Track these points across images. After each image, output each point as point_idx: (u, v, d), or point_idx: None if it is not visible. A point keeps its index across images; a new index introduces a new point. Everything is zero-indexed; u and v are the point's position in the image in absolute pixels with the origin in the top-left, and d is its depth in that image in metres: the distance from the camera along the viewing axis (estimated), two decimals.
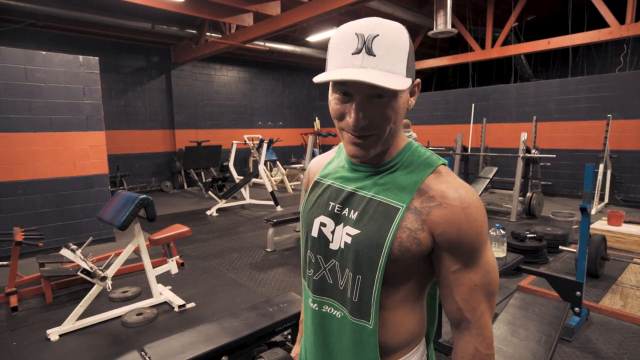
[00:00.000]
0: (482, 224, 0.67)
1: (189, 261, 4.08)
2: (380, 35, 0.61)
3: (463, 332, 0.71)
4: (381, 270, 0.68)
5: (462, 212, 0.66)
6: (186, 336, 1.86)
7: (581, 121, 7.06)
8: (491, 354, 0.71)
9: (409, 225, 0.67)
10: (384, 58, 0.61)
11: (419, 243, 0.67)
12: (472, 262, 0.68)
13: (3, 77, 3.96)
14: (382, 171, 0.73)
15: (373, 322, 0.70)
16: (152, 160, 8.92)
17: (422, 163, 0.72)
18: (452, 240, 0.67)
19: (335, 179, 0.80)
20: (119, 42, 8.19)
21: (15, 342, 2.56)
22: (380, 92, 0.63)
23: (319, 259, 0.77)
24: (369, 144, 0.68)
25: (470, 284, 0.68)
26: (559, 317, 1.87)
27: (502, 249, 2.85)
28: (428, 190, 0.69)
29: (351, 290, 0.72)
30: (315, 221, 0.78)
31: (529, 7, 8.85)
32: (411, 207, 0.68)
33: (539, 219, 5.68)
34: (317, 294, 0.78)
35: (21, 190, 4.14)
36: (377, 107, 0.65)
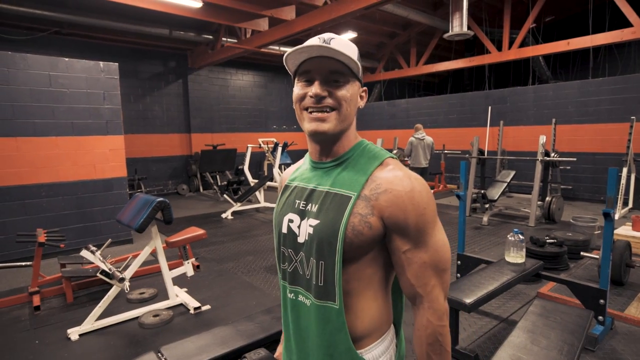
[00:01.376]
0: (426, 206, 0.75)
1: (205, 264, 4.12)
2: (335, 38, 0.79)
3: (418, 307, 0.79)
4: (339, 253, 0.75)
5: (406, 196, 0.74)
6: (202, 338, 1.88)
7: (603, 123, 6.87)
8: (442, 324, 0.77)
9: (359, 211, 0.75)
10: (340, 48, 0.75)
11: (370, 226, 0.75)
12: (421, 242, 0.75)
13: (28, 83, 4.10)
14: (337, 165, 0.83)
15: (339, 302, 0.77)
16: (169, 163, 9.07)
17: (371, 157, 0.82)
18: (399, 222, 0.74)
19: (300, 180, 0.90)
20: (137, 48, 8.38)
21: (38, 340, 2.62)
22: (336, 75, 0.77)
23: (290, 252, 0.86)
24: (327, 117, 0.78)
25: (420, 261, 0.76)
26: (582, 326, 1.81)
27: (521, 254, 2.78)
28: (376, 179, 0.78)
29: (316, 275, 0.79)
30: (284, 219, 0.87)
31: (547, 8, 8.68)
32: (362, 195, 0.77)
33: (558, 224, 5.54)
34: (292, 285, 0.86)
35: (44, 192, 4.26)
36: (335, 87, 0.78)
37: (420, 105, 10.03)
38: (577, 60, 9.97)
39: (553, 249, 3.66)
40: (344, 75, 0.78)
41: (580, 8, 9.37)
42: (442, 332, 0.77)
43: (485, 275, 2.48)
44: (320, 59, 0.77)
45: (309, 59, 0.78)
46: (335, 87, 0.78)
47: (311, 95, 0.78)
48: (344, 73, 0.78)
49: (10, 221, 4.08)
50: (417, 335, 0.79)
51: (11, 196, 4.07)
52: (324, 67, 0.77)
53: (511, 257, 2.77)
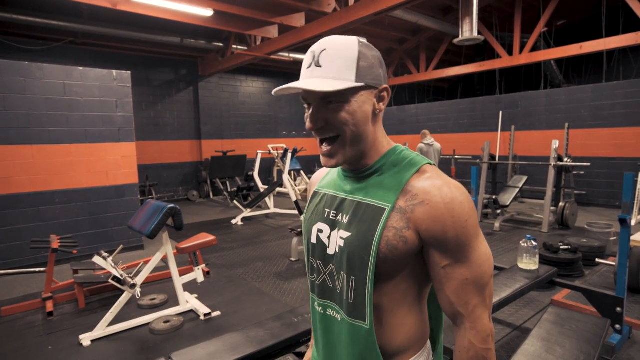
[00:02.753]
0: (467, 218, 0.68)
1: (215, 270, 4.13)
2: (327, 49, 0.71)
3: (459, 327, 0.73)
4: (372, 270, 0.70)
5: (445, 208, 0.68)
6: (212, 345, 1.88)
7: (618, 128, 6.75)
8: (487, 348, 0.71)
9: (394, 225, 0.70)
10: (329, 67, 0.70)
11: (405, 241, 0.69)
12: (462, 257, 0.69)
13: (44, 92, 4.20)
14: (369, 175, 0.77)
15: (369, 322, 0.72)
16: (180, 170, 9.16)
17: (407, 164, 0.75)
18: (437, 236, 0.68)
19: (330, 187, 0.85)
20: (149, 56, 8.53)
21: (51, 346, 2.65)
22: (329, 98, 0.70)
23: (319, 264, 0.81)
24: (334, 151, 0.73)
25: (461, 278, 0.69)
26: (599, 335, 1.77)
27: (534, 260, 2.73)
28: (412, 189, 0.71)
29: (347, 291, 0.75)
30: (313, 228, 0.83)
31: (559, 11, 8.60)
32: (397, 206, 0.71)
33: (572, 230, 5.43)
34: (321, 298, 0.82)
35: (58, 199, 4.33)
36: (331, 112, 0.71)
37: (430, 111, 9.98)
38: (590, 64, 9.84)
39: (567, 255, 3.59)
40: (339, 95, 0.70)
41: (593, 11, 9.26)
42: (486, 355, 0.70)
43: (497, 282, 2.44)
44: None
45: None
46: (332, 111, 0.71)
47: (308, 129, 0.74)
48: (339, 93, 0.70)
49: (24, 227, 4.16)
50: (458, 358, 0.73)
51: (26, 203, 4.15)
52: (315, 94, 0.71)
53: (524, 263, 2.72)
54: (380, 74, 0.74)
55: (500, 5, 8.67)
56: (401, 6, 5.15)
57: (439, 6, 8.45)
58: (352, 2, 5.63)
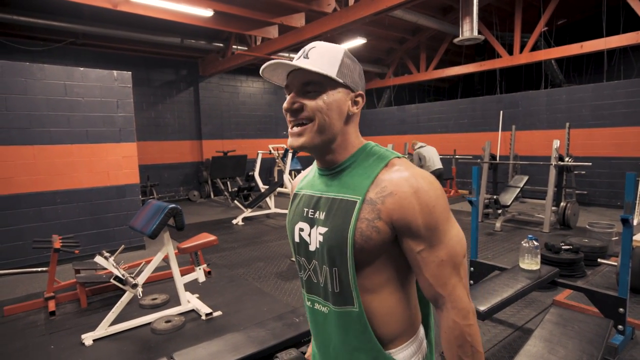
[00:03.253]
0: (435, 204, 0.72)
1: (216, 270, 4.13)
2: (316, 47, 0.78)
3: (441, 308, 0.76)
4: (351, 259, 0.74)
5: (413, 196, 0.72)
6: (213, 345, 1.88)
7: (619, 127, 6.74)
8: (470, 324, 0.74)
9: (366, 216, 0.74)
10: (316, 60, 0.76)
11: (378, 231, 0.73)
12: (434, 240, 0.72)
13: (45, 92, 4.20)
14: (340, 171, 0.82)
15: (358, 305, 0.76)
16: (180, 170, 9.17)
17: (377, 159, 0.79)
18: (407, 224, 0.72)
19: (308, 188, 0.89)
20: (150, 57, 8.53)
21: (53, 345, 2.66)
22: (309, 86, 0.76)
23: (304, 261, 0.86)
24: (302, 131, 0.77)
25: (437, 260, 0.73)
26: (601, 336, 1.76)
27: (536, 261, 2.73)
28: (381, 182, 0.75)
29: (331, 283, 0.79)
30: (295, 228, 0.87)
31: (559, 10, 8.59)
32: (367, 198, 0.75)
33: (574, 230, 5.43)
34: (308, 293, 0.87)
35: (59, 199, 4.34)
36: (309, 97, 0.76)
37: (431, 110, 9.98)
38: (591, 64, 9.82)
39: (569, 255, 3.58)
40: (319, 84, 0.76)
41: (594, 10, 9.25)
42: (470, 332, 0.73)
43: (499, 282, 2.43)
44: (295, 72, 0.78)
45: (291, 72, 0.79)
46: (308, 98, 0.77)
47: (284, 109, 0.78)
48: (320, 82, 0.76)
49: (26, 227, 4.16)
50: (444, 339, 0.76)
51: (28, 203, 4.16)
52: (297, 80, 0.77)
53: (526, 263, 2.71)
54: (358, 82, 0.81)
55: (500, 5, 8.66)
56: (401, 6, 5.15)
57: (439, 6, 8.45)
58: (352, 2, 5.63)
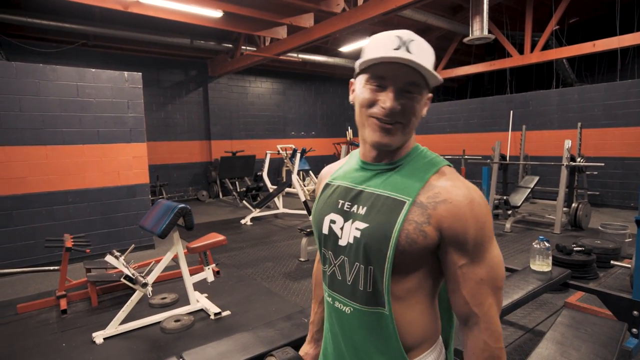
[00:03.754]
0: (486, 219, 0.72)
1: (224, 269, 4.15)
2: (415, 40, 0.72)
3: (472, 328, 0.74)
4: (390, 261, 0.71)
5: (467, 207, 0.70)
6: (223, 344, 1.88)
7: (633, 127, 6.62)
8: (500, 347, 0.73)
9: (415, 219, 0.71)
10: (421, 57, 0.70)
11: (425, 236, 0.70)
12: (478, 257, 0.71)
13: (57, 93, 4.26)
14: (390, 169, 0.79)
15: (388, 308, 0.74)
16: (190, 170, 9.23)
17: (427, 163, 0.78)
18: (457, 234, 0.70)
19: (345, 179, 0.85)
20: (160, 57, 8.61)
21: (65, 343, 2.69)
22: (412, 87, 0.72)
23: (330, 255, 0.82)
24: (394, 131, 0.74)
25: (476, 278, 0.71)
26: (615, 339, 1.73)
27: (547, 262, 2.69)
28: (433, 187, 0.73)
29: (364, 282, 0.75)
30: (325, 219, 0.83)
31: (571, 9, 8.47)
32: (417, 201, 0.72)
33: (586, 231, 5.35)
34: (330, 289, 0.84)
35: (71, 199, 4.40)
36: (407, 99, 0.72)
37: (440, 110, 9.91)
38: (604, 63, 9.67)
39: (581, 257, 3.53)
40: (419, 87, 0.73)
41: (607, 8, 9.10)
42: (500, 355, 0.72)
43: (509, 283, 2.41)
44: (398, 65, 0.71)
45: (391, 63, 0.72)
46: (408, 100, 0.73)
47: (383, 107, 0.72)
48: (420, 85, 0.72)
49: (39, 226, 4.23)
50: (472, 359, 0.74)
51: (40, 202, 4.22)
52: (402, 77, 0.71)
53: (537, 265, 2.68)
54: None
55: (510, 4, 8.56)
56: (410, 5, 5.11)
57: (449, 5, 8.38)
58: (361, 2, 5.62)
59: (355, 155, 0.88)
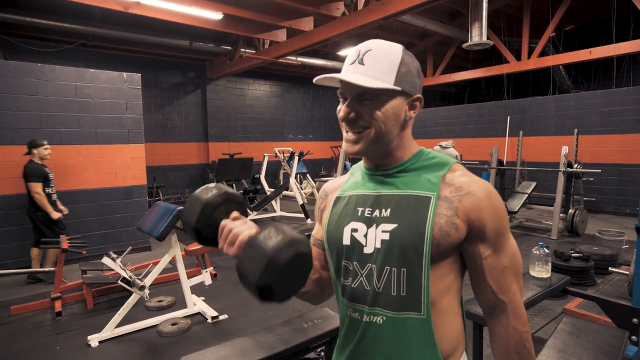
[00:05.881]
0: (502, 210, 0.75)
1: (221, 272, 4.13)
2: (372, 49, 0.74)
3: (499, 316, 0.76)
4: (427, 257, 0.71)
5: (487, 199, 0.73)
6: (221, 349, 1.86)
7: (629, 134, 6.67)
8: (527, 331, 0.76)
9: (444, 212, 0.72)
10: (372, 66, 0.73)
11: (456, 228, 0.72)
12: (501, 246, 0.75)
13: (56, 93, 4.23)
14: (400, 171, 0.79)
15: (426, 311, 0.72)
16: (187, 171, 9.20)
17: (437, 162, 0.79)
18: (483, 226, 0.72)
19: (357, 189, 0.83)
20: (158, 59, 8.59)
21: (59, 346, 2.66)
22: (365, 96, 0.73)
23: (355, 265, 0.78)
24: (359, 138, 0.75)
25: (500, 267, 0.75)
26: (617, 347, 1.73)
27: (547, 268, 2.68)
28: (452, 182, 0.75)
29: (397, 286, 0.73)
30: (345, 230, 0.80)
31: (568, 16, 8.56)
32: (441, 195, 0.74)
33: (582, 237, 5.37)
34: (354, 302, 0.78)
35: (67, 199, 4.35)
36: (365, 107, 0.74)
37: (438, 115, 9.95)
38: (600, 70, 9.76)
39: (579, 263, 3.54)
40: (374, 94, 0.73)
41: (603, 16, 9.20)
42: (528, 338, 0.76)
43: None
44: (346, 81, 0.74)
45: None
46: (366, 106, 0.74)
47: (340, 119, 0.77)
48: (376, 93, 0.73)
49: None
50: (502, 346, 0.76)
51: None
52: (351, 90, 0.74)
53: (536, 271, 2.67)
54: (417, 83, 0.78)
55: (508, 10, 8.64)
56: (409, 11, 5.14)
57: (447, 11, 8.44)
58: (361, 7, 5.64)
59: (357, 169, 0.88)
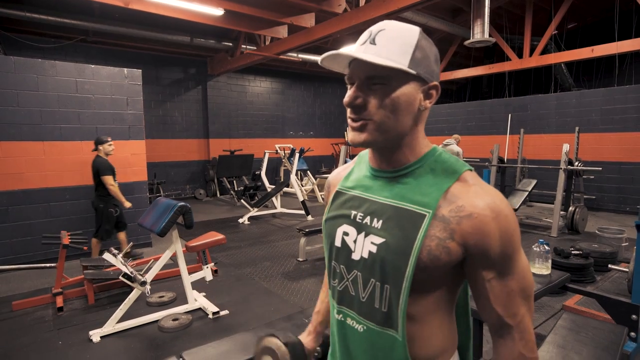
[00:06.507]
0: (513, 232, 0.66)
1: (222, 268, 4.14)
2: (386, 29, 0.67)
3: (505, 338, 0.69)
4: (408, 280, 0.66)
5: (494, 222, 0.64)
6: (223, 344, 1.87)
7: (630, 132, 6.66)
8: (535, 357, 0.69)
9: (437, 234, 0.66)
10: (384, 47, 0.66)
11: (448, 252, 0.65)
12: (507, 269, 0.67)
13: (56, 89, 4.23)
14: (403, 176, 0.72)
15: (401, 334, 0.69)
16: (187, 168, 9.20)
17: (447, 169, 0.70)
18: (486, 251, 0.65)
19: (357, 188, 0.79)
20: (159, 55, 8.57)
21: (61, 341, 2.67)
22: (375, 79, 0.66)
23: (342, 269, 0.76)
24: (364, 128, 0.68)
25: (507, 290, 0.67)
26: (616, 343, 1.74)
27: (547, 265, 2.69)
28: (455, 199, 0.67)
29: (380, 300, 0.70)
30: (338, 230, 0.78)
31: (570, 14, 8.52)
32: (438, 214, 0.66)
33: (582, 234, 5.37)
34: (341, 305, 0.78)
35: (68, 195, 4.36)
36: (373, 92, 0.67)
37: (438, 113, 9.94)
38: (602, 68, 9.73)
39: (579, 260, 3.55)
40: (386, 78, 0.66)
41: (605, 14, 9.17)
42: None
43: None
44: (357, 61, 0.67)
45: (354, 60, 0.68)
46: (375, 92, 0.67)
47: (344, 104, 0.69)
48: (387, 76, 0.65)
49: (35, 223, 4.19)
50: None
51: (37, 198, 4.19)
52: (360, 72, 0.67)
53: (536, 268, 2.68)
54: (434, 71, 0.70)
55: (510, 8, 8.61)
56: (411, 7, 5.13)
57: (449, 8, 8.41)
58: (363, 3, 5.62)
59: (364, 159, 0.83)
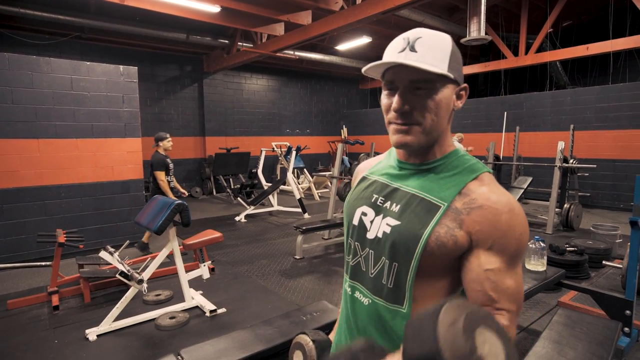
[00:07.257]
0: (523, 231, 0.69)
1: (219, 266, 4.13)
2: (423, 37, 0.72)
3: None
4: (416, 260, 0.71)
5: (505, 215, 0.68)
6: (221, 342, 1.88)
7: (624, 130, 6.72)
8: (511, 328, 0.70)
9: (447, 223, 0.71)
10: (425, 54, 0.70)
11: (455, 240, 0.69)
12: (508, 266, 0.69)
13: (51, 86, 4.19)
14: (428, 170, 0.78)
15: (407, 307, 0.74)
16: (183, 166, 9.16)
17: (467, 168, 0.76)
18: (488, 239, 0.68)
19: (382, 175, 0.85)
20: (155, 52, 8.52)
21: (57, 340, 2.66)
22: (419, 83, 0.71)
23: (357, 246, 0.84)
24: (411, 131, 0.73)
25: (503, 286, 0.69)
26: (610, 338, 1.76)
27: (542, 262, 2.72)
28: (470, 193, 0.72)
29: (387, 277, 0.76)
30: (357, 210, 0.84)
31: (566, 12, 8.56)
32: (452, 206, 0.72)
33: (577, 231, 5.42)
34: (352, 279, 0.85)
35: (64, 193, 4.34)
36: (417, 97, 0.71)
37: None
38: (596, 66, 9.78)
39: (573, 257, 3.58)
40: (430, 82, 0.71)
41: (600, 12, 9.21)
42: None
43: None
44: (399, 67, 0.72)
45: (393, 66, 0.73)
46: (419, 97, 0.71)
47: (394, 110, 0.73)
48: (431, 80, 0.71)
49: (30, 221, 4.16)
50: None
51: (32, 196, 4.16)
52: (404, 77, 0.72)
53: (532, 264, 2.71)
54: (462, 74, 0.77)
55: (506, 6, 8.62)
56: (408, 5, 5.12)
57: (445, 6, 8.41)
58: (359, 1, 5.61)
59: (393, 153, 0.88)
